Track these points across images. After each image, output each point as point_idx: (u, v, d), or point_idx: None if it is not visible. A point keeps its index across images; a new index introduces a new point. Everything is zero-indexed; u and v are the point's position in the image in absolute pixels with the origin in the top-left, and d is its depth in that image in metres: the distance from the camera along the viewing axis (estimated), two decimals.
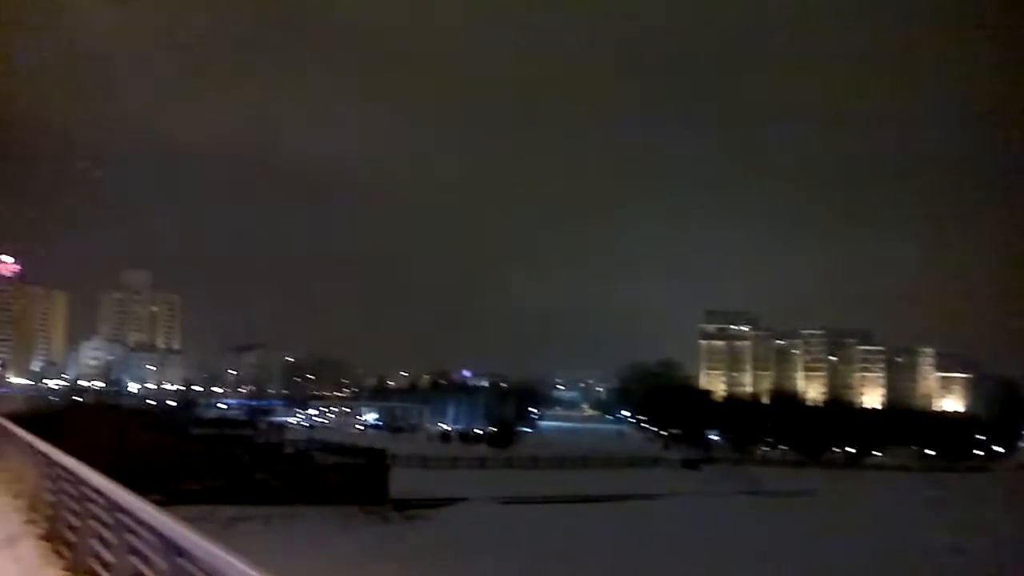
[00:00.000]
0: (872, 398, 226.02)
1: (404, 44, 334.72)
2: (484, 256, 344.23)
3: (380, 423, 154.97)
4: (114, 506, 6.86)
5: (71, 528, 9.10)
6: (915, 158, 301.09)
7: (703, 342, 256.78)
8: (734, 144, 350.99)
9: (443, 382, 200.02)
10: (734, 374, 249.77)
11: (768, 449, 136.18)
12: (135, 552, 6.27)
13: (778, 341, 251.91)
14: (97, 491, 7.67)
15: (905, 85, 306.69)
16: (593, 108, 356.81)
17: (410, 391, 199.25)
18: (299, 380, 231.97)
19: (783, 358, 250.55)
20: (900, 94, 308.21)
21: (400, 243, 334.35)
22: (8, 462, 15.94)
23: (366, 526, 54.42)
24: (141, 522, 5.97)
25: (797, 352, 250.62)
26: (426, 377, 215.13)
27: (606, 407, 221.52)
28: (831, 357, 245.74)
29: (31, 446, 12.81)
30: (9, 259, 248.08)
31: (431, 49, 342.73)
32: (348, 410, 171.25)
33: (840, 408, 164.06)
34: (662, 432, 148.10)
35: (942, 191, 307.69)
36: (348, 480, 61.21)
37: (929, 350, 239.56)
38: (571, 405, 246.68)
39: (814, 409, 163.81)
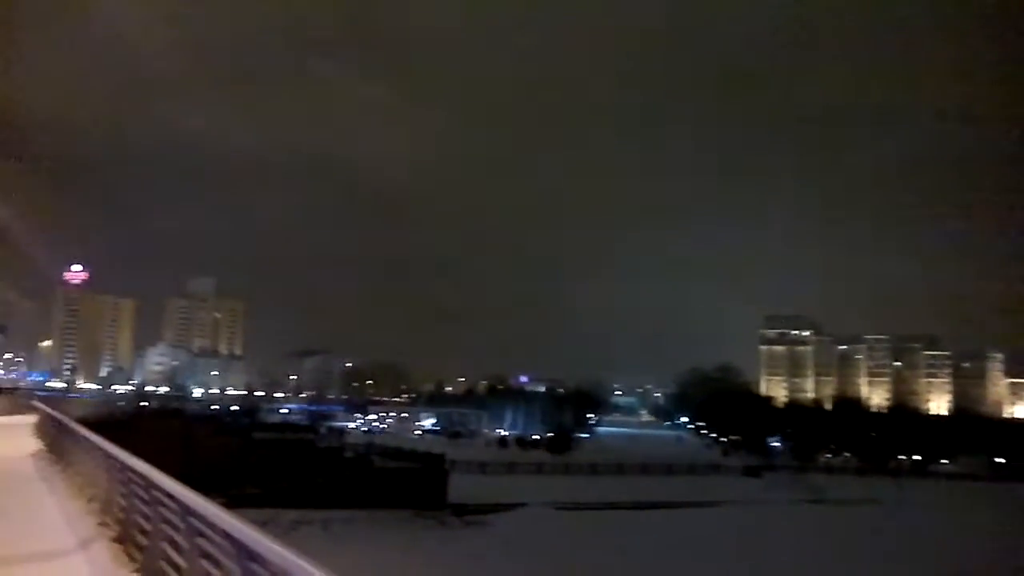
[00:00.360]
0: (939, 404, 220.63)
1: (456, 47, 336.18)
2: (542, 263, 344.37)
3: (438, 428, 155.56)
4: (185, 510, 6.90)
5: (142, 531, 9.22)
6: (987, 158, 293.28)
7: (763, 347, 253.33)
8: (793, 145, 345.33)
9: (500, 387, 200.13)
10: (795, 380, 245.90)
11: (831, 456, 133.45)
12: (206, 556, 6.30)
13: (840, 346, 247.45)
14: (168, 495, 7.74)
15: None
16: (632, 109, 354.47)
17: (467, 397, 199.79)
18: (358, 385, 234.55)
19: (846, 364, 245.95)
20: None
21: (459, 250, 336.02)
22: (81, 466, 16.28)
23: (425, 530, 54.60)
24: (213, 526, 6.00)
25: (860, 357, 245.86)
26: (483, 383, 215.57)
27: (664, 413, 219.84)
28: (895, 363, 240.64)
29: (102, 450, 13.04)
30: (78, 268, 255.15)
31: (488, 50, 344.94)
32: (406, 415, 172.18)
33: (905, 415, 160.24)
34: (722, 439, 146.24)
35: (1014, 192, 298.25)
36: (407, 485, 61.56)
37: (998, 355, 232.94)
38: (629, 411, 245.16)
39: (878, 416, 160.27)
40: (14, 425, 38.36)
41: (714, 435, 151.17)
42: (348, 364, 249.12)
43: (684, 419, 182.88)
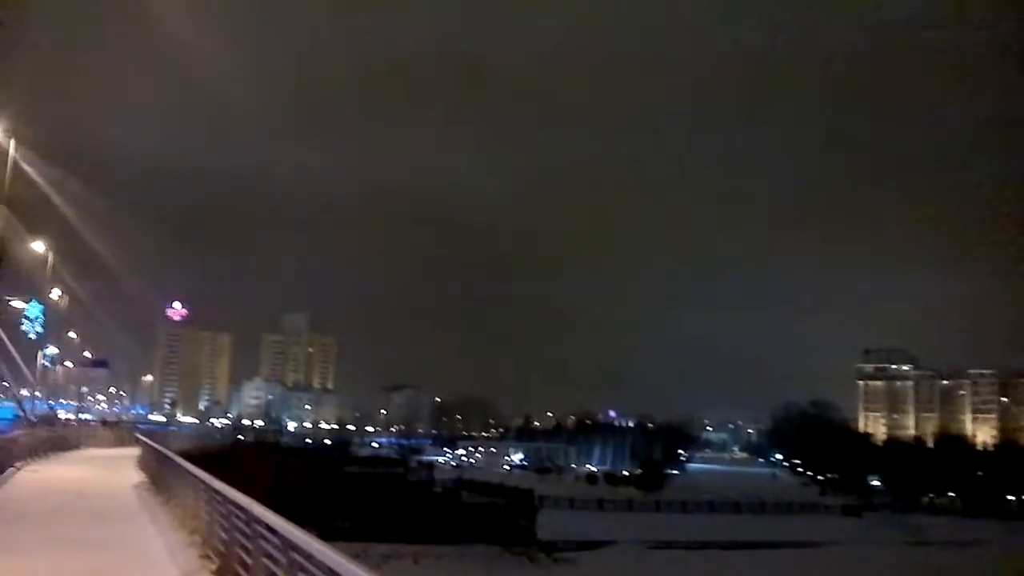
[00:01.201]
0: None
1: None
2: (631, 296, 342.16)
3: (526, 463, 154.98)
4: (287, 544, 6.91)
5: (243, 565, 9.28)
6: None
7: (861, 382, 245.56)
8: (892, 171, 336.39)
9: (589, 422, 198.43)
10: (895, 416, 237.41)
11: (934, 497, 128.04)
12: None
13: (943, 381, 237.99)
14: (270, 528, 7.77)
15: None
16: (730, 139, 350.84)
17: (556, 431, 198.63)
18: (447, 420, 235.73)
19: (949, 399, 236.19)
20: None
21: (547, 285, 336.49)
22: (182, 498, 16.62)
23: (514, 568, 54.28)
24: (313, 559, 5.97)
25: (964, 393, 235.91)
26: (572, 417, 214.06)
27: (757, 449, 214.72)
28: (1002, 398, 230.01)
29: (203, 483, 13.28)
30: (179, 305, 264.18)
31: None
32: (495, 450, 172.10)
33: (1013, 452, 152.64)
34: (818, 477, 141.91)
35: None
36: (496, 520, 61.27)
37: None
38: (720, 447, 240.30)
39: (984, 454, 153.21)
40: (119, 457, 39.70)
41: (810, 473, 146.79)
42: (437, 399, 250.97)
43: (778, 456, 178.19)
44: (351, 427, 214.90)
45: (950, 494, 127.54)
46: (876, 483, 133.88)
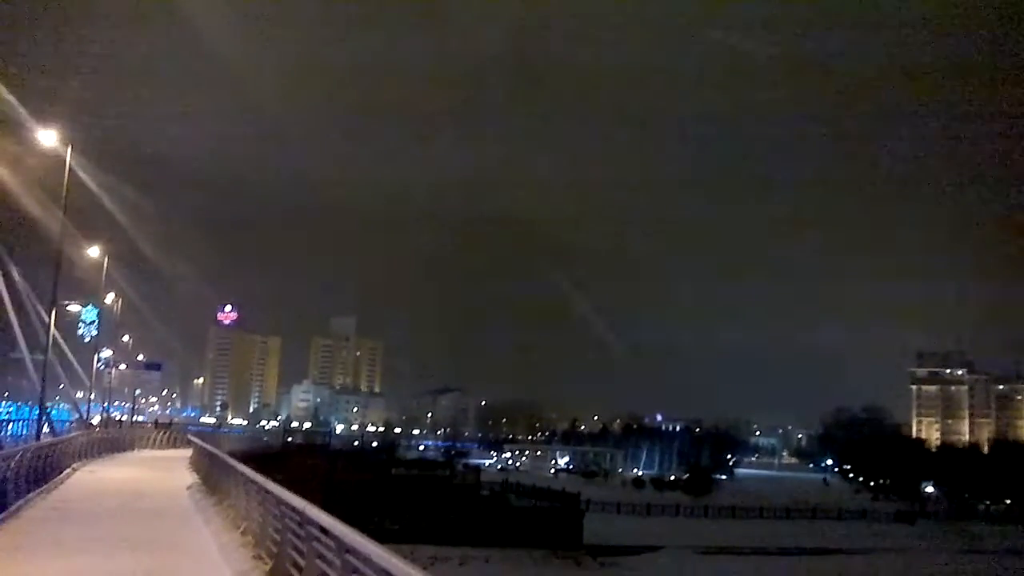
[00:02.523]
0: None
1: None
2: (679, 300, 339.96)
3: (572, 467, 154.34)
4: (342, 546, 6.91)
5: (297, 566, 9.32)
6: None
7: (914, 387, 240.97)
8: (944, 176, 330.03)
9: (635, 426, 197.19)
10: (949, 421, 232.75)
11: (990, 504, 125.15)
12: None
13: (999, 386, 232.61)
14: (324, 530, 7.78)
15: None
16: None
17: (602, 435, 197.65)
18: (493, 423, 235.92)
19: (1005, 404, 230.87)
20: None
21: (596, 288, 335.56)
22: (234, 499, 16.77)
23: (561, 572, 54.06)
24: (370, 562, 5.96)
25: (1021, 398, 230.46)
26: (618, 421, 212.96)
27: (807, 455, 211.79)
28: None
29: (256, 484, 13.37)
30: (229, 308, 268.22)
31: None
32: (540, 453, 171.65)
33: None
34: (870, 483, 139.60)
35: None
36: (542, 524, 61.03)
37: None
38: (769, 452, 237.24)
39: None
40: (171, 458, 40.32)
41: (862, 479, 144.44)
42: (483, 402, 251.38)
43: (829, 461, 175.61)
44: (398, 430, 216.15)
45: (1007, 501, 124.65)
46: (930, 490, 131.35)
